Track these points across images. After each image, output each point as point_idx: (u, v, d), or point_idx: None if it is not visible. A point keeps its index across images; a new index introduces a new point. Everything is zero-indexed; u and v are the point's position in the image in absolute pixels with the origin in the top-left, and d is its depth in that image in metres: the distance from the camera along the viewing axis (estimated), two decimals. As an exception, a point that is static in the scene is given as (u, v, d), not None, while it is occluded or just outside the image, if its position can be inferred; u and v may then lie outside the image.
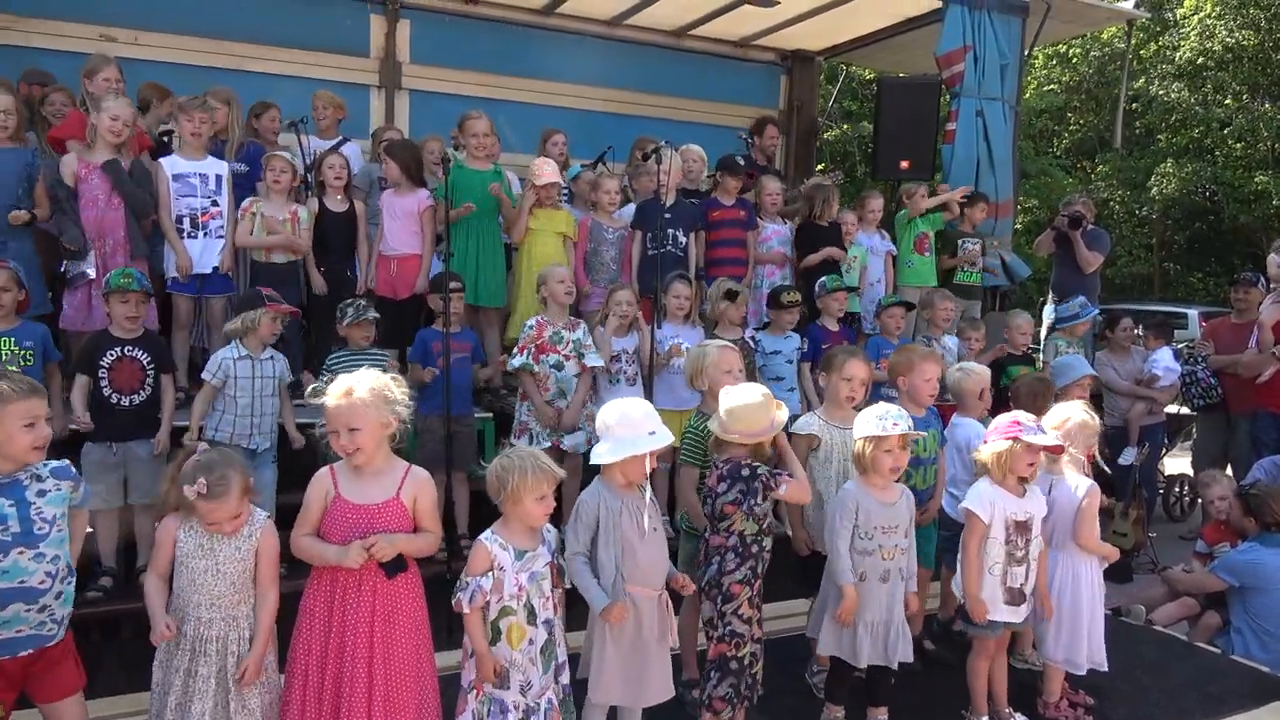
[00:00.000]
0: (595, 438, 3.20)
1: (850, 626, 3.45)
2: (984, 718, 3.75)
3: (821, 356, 4.58)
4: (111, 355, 4.15)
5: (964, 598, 3.64)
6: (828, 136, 16.53)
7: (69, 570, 2.77)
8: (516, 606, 2.89)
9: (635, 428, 3.06)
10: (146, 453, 4.18)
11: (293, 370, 4.60)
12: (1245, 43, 18.93)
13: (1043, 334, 7.34)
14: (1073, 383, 5.18)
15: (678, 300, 5.23)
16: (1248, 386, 6.44)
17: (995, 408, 4.41)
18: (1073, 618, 3.80)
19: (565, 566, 3.05)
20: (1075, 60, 21.06)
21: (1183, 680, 4.31)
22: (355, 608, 2.84)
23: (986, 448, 3.65)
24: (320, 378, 3.55)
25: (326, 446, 2.96)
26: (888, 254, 6.73)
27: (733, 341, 4.47)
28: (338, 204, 5.53)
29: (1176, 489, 7.80)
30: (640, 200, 6.16)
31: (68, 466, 2.85)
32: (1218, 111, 19.52)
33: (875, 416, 3.45)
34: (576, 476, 4.36)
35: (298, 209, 5.35)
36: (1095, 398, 6.42)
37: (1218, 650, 4.67)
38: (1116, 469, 6.28)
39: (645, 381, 5.02)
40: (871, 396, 4.02)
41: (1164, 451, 7.52)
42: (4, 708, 2.70)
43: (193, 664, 2.78)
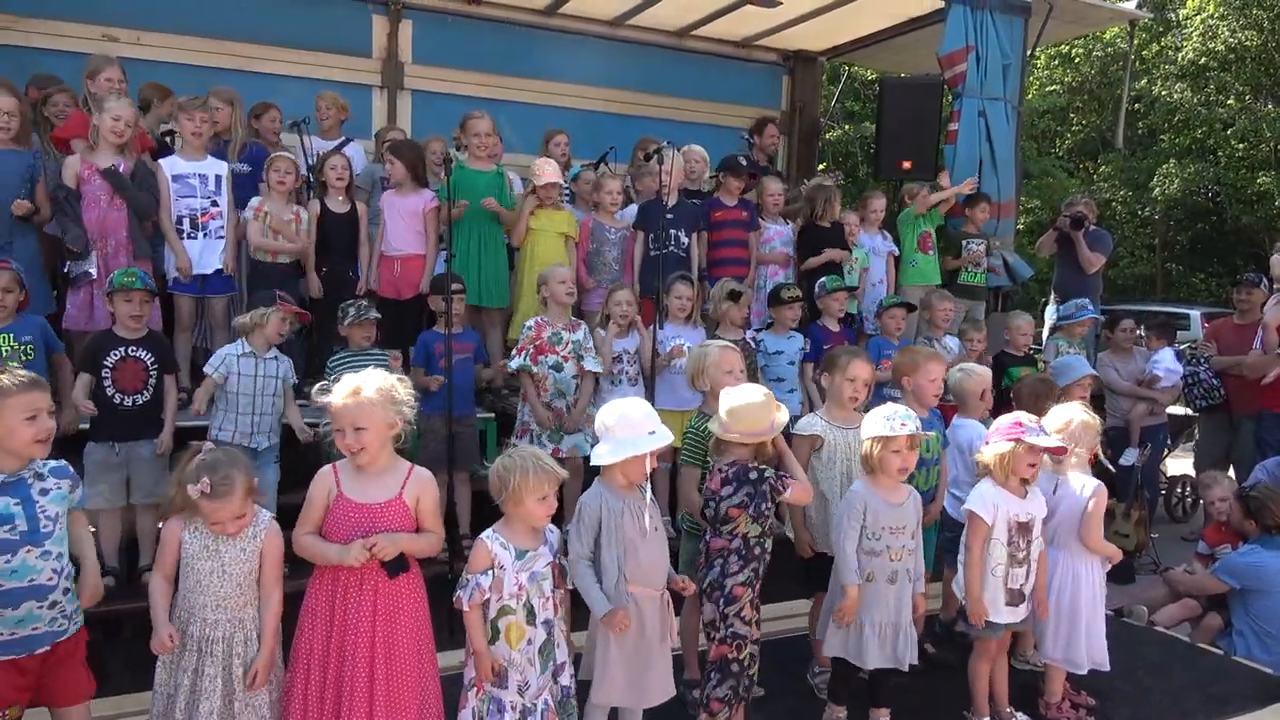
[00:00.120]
0: (594, 439, 3.20)
1: (849, 625, 3.45)
2: (985, 718, 3.74)
3: (823, 357, 4.57)
4: (115, 355, 4.14)
5: (965, 599, 3.64)
6: (830, 137, 16.49)
7: (71, 568, 2.78)
8: (516, 606, 2.89)
9: (635, 428, 3.06)
10: (149, 453, 4.17)
11: (296, 373, 4.60)
12: (1248, 43, 18.91)
13: (1044, 335, 7.34)
14: (1073, 383, 5.17)
15: (679, 301, 5.23)
16: (1251, 387, 6.44)
17: (997, 408, 4.41)
18: (1071, 617, 3.80)
19: (568, 568, 3.05)
20: (1078, 61, 21.00)
21: (1185, 681, 4.30)
22: (357, 607, 2.85)
23: (988, 449, 3.64)
24: (326, 376, 3.55)
25: (330, 445, 2.96)
26: (889, 254, 6.72)
27: (734, 342, 4.46)
28: (339, 205, 5.53)
29: (1179, 490, 7.80)
30: (642, 201, 6.17)
31: (66, 466, 2.86)
32: (1220, 112, 19.47)
33: (883, 417, 3.45)
34: (578, 477, 4.35)
35: (299, 210, 5.36)
36: (1097, 398, 6.41)
37: (1220, 651, 4.67)
38: (1119, 469, 6.27)
39: (646, 382, 5.02)
40: (873, 397, 4.02)
41: (1166, 452, 7.50)
42: (19, 708, 2.71)
43: (200, 664, 2.79)
